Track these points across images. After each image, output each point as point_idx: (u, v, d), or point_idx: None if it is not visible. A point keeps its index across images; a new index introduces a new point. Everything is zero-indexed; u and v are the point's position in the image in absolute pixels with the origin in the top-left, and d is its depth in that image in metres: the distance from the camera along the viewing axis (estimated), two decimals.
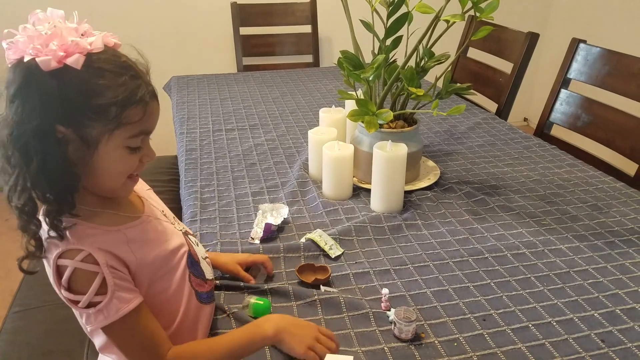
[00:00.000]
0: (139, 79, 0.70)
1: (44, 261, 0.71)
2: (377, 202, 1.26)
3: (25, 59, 0.63)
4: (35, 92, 0.64)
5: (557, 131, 1.82)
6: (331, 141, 1.32)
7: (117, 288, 0.70)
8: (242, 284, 0.99)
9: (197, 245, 0.91)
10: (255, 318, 0.89)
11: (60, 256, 0.68)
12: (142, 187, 0.88)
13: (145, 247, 0.76)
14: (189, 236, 0.89)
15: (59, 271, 0.69)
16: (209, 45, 2.90)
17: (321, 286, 0.99)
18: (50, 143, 0.65)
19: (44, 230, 0.69)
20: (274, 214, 1.22)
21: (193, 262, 0.86)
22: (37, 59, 0.63)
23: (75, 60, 0.64)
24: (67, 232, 0.69)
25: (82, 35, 0.67)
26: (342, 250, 1.11)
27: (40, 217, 0.69)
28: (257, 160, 1.55)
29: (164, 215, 0.86)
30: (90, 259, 0.69)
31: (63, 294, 0.69)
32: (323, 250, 1.10)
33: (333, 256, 1.09)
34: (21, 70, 0.64)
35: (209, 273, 0.90)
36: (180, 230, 0.87)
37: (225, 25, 2.76)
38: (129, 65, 0.70)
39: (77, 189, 0.69)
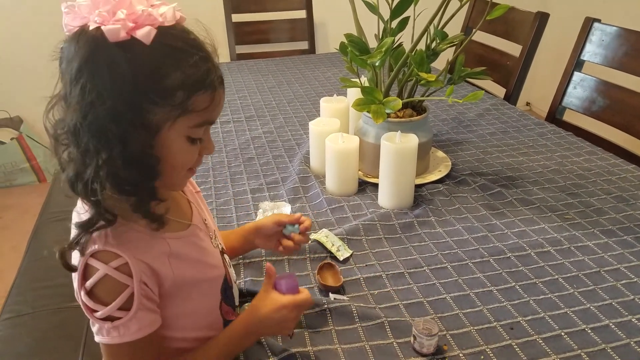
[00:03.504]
0: (209, 62, 0.60)
1: (72, 254, 0.61)
2: (386, 198, 1.17)
3: (91, 27, 0.53)
4: (104, 67, 0.54)
5: (569, 116, 1.73)
6: (334, 133, 1.22)
7: (141, 307, 0.61)
8: (244, 290, 0.90)
9: (230, 266, 0.81)
10: None
11: (92, 255, 0.59)
12: (191, 190, 0.79)
13: (184, 265, 0.67)
14: (224, 255, 0.79)
15: (86, 271, 0.60)
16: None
17: (330, 294, 0.90)
18: (126, 125, 0.55)
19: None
20: (275, 212, 1.13)
21: (227, 287, 0.76)
22: (103, 28, 0.53)
23: (147, 34, 0.54)
24: (108, 230, 0.60)
25: (151, 5, 0.57)
26: (351, 251, 1.02)
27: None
28: (255, 155, 1.45)
29: (206, 225, 0.76)
30: (125, 269, 0.60)
31: (82, 297, 0.60)
32: (330, 252, 1.01)
33: (341, 258, 1.00)
34: (86, 42, 0.54)
35: (237, 299, 0.82)
36: (217, 247, 0.77)
37: (217, 12, 2.65)
38: (199, 44, 0.60)
39: (159, 175, 0.60)
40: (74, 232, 0.60)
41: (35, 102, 0.61)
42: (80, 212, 0.63)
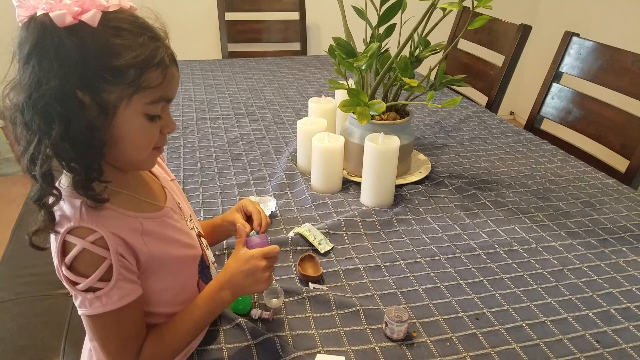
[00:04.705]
0: (158, 41, 0.65)
1: (51, 235, 0.66)
2: (368, 196, 1.22)
3: (39, 14, 0.58)
4: (51, 50, 0.58)
5: (546, 125, 1.80)
6: (321, 132, 1.28)
7: (121, 277, 0.66)
8: None
9: (208, 249, 0.86)
10: (234, 312, 0.86)
11: (69, 232, 0.63)
12: (166, 177, 0.83)
13: (159, 242, 0.71)
14: (201, 238, 0.84)
15: (64, 247, 0.64)
16: (193, 30, 2.82)
17: (310, 284, 0.96)
18: (72, 106, 0.60)
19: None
20: (261, 206, 1.17)
21: (204, 267, 0.81)
22: (50, 14, 0.58)
23: (92, 16, 0.59)
24: (82, 208, 0.64)
25: None
26: (332, 245, 1.07)
27: (60, 187, 0.64)
28: (243, 151, 1.50)
29: (180, 209, 0.81)
30: (101, 242, 0.64)
31: (63, 272, 0.64)
32: (312, 245, 1.06)
33: (322, 251, 1.05)
34: (34, 27, 0.58)
35: None
36: (193, 229, 0.82)
37: (210, 10, 2.69)
38: (147, 26, 0.65)
39: (103, 156, 0.64)
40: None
41: None
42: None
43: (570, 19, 3.07)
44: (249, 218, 0.89)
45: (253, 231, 0.86)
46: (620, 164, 1.51)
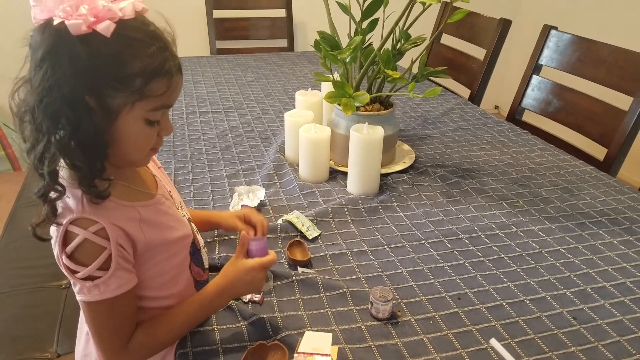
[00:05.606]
0: (167, 51, 0.67)
1: (52, 226, 0.68)
2: (354, 185, 1.26)
3: (55, 22, 0.60)
4: (65, 58, 0.60)
5: (528, 117, 1.85)
6: (308, 124, 1.31)
7: (119, 267, 0.69)
8: (219, 264, 0.97)
9: (198, 233, 0.90)
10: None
11: (72, 222, 0.66)
12: (154, 165, 0.86)
13: (155, 229, 0.74)
14: (191, 223, 0.87)
15: (66, 237, 0.67)
16: (182, 27, 2.81)
17: (298, 267, 0.99)
18: (81, 111, 0.62)
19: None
20: (250, 196, 1.20)
21: (195, 250, 0.85)
22: (66, 22, 0.59)
23: (106, 27, 0.61)
24: (84, 200, 0.67)
25: (112, 0, 0.63)
26: (319, 231, 1.10)
27: (63, 182, 0.67)
28: (232, 143, 1.53)
29: (171, 196, 0.84)
30: (102, 233, 0.67)
31: (63, 260, 0.67)
32: (300, 232, 1.09)
33: (310, 237, 1.08)
34: (50, 34, 0.60)
35: (206, 262, 0.90)
36: (184, 215, 0.85)
37: (199, 8, 2.71)
38: (157, 35, 0.67)
39: (107, 156, 0.67)
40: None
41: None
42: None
43: (553, 13, 3.13)
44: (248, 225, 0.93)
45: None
46: (599, 152, 1.56)
